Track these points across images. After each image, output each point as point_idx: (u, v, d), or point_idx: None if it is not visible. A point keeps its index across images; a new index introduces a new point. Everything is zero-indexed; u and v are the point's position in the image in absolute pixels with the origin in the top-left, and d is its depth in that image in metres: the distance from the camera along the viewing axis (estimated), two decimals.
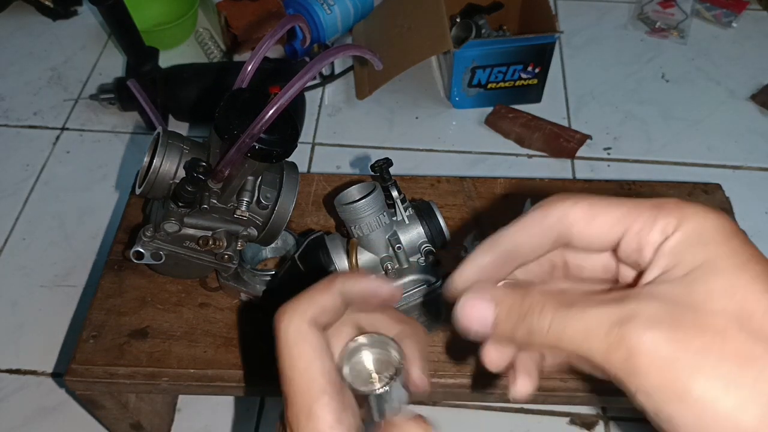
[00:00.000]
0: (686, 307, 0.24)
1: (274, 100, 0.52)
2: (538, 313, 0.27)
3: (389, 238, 0.64)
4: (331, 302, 0.32)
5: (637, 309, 0.25)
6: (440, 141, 1.24)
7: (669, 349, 0.23)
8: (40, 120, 1.29)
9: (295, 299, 0.32)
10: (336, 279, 0.32)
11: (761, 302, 0.24)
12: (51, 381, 0.95)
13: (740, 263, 0.25)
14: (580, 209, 0.28)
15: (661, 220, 0.26)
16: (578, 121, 1.27)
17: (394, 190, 0.65)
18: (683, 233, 0.26)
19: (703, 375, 0.23)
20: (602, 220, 0.27)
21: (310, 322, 0.31)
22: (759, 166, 1.19)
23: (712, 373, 0.23)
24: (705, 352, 0.23)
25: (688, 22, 1.44)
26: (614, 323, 0.25)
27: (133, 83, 0.66)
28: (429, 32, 1.20)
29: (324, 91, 1.33)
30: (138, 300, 0.73)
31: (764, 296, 0.24)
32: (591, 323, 0.25)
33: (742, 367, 0.23)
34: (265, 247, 0.76)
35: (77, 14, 1.51)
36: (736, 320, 0.24)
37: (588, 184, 0.85)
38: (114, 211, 1.13)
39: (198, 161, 0.58)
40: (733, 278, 0.25)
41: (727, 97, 1.31)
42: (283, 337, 0.31)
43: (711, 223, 0.26)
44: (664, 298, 0.25)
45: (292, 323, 0.31)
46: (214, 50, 1.39)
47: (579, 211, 0.28)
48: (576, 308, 0.26)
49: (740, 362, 0.23)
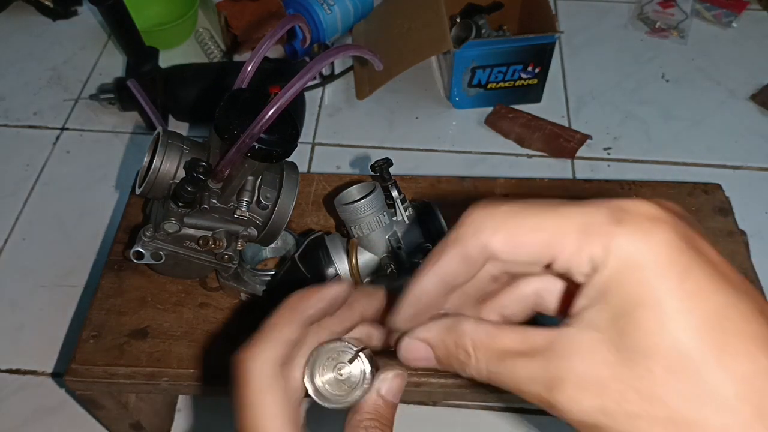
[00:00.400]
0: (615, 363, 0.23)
1: (274, 100, 0.52)
2: (474, 363, 0.27)
3: (389, 238, 0.64)
4: (296, 334, 0.31)
5: (564, 370, 0.24)
6: (440, 141, 1.24)
7: (598, 418, 0.23)
8: (40, 120, 1.29)
9: (258, 338, 0.30)
10: (297, 307, 0.31)
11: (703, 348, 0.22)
12: (51, 381, 0.95)
13: (681, 298, 0.22)
14: (499, 240, 0.25)
15: (587, 248, 0.23)
16: (578, 121, 1.27)
17: (394, 190, 0.65)
18: (610, 266, 0.23)
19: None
20: (526, 250, 0.25)
21: (275, 364, 0.30)
22: (759, 166, 1.19)
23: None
24: (635, 419, 0.22)
25: (688, 22, 1.44)
26: (543, 387, 0.24)
27: (133, 83, 0.66)
28: (429, 32, 1.20)
29: (324, 91, 1.33)
30: (138, 300, 0.73)
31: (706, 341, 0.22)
32: (521, 383, 0.25)
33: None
34: (265, 247, 0.76)
35: (77, 14, 1.51)
36: (672, 374, 0.22)
37: (588, 184, 0.85)
38: (114, 211, 1.13)
39: (198, 161, 0.58)
40: (672, 322, 0.22)
41: (727, 97, 1.31)
42: (246, 382, 0.29)
43: (646, 249, 0.23)
44: (593, 349, 0.23)
45: (256, 368, 0.29)
46: (214, 50, 1.39)
47: (499, 241, 0.25)
48: (506, 364, 0.25)
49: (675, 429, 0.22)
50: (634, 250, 0.23)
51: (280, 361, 0.30)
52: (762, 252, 0.85)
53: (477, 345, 0.26)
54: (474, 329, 0.27)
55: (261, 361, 0.30)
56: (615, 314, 0.23)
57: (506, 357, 0.25)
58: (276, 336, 0.30)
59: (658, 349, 0.22)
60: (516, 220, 0.25)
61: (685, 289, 0.22)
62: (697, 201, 0.82)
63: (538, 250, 0.25)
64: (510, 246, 0.25)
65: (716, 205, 0.82)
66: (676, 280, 0.22)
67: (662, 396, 0.22)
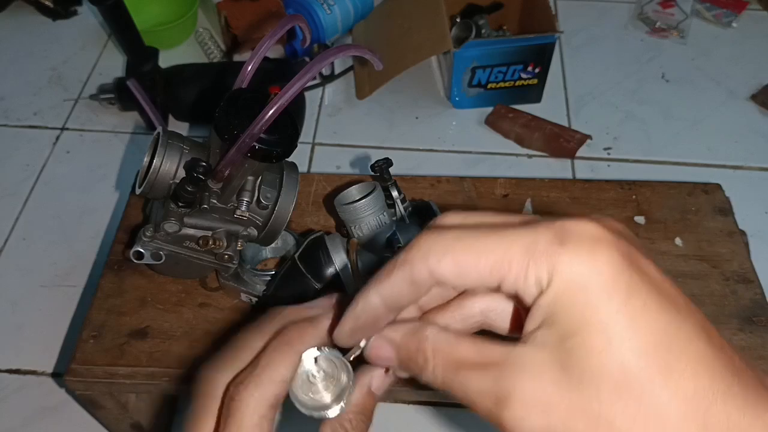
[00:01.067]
0: (563, 383, 0.23)
1: (274, 100, 0.52)
2: (431, 371, 0.27)
3: (389, 238, 0.64)
4: (292, 372, 0.30)
5: (512, 388, 0.24)
6: (440, 141, 1.24)
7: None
8: (40, 120, 1.29)
9: (252, 371, 0.29)
10: (293, 344, 0.30)
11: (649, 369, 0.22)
12: (51, 381, 0.95)
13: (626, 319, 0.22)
14: (446, 265, 0.25)
15: (533, 270, 0.24)
16: (578, 121, 1.27)
17: (394, 190, 0.65)
18: (556, 287, 0.23)
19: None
20: (473, 275, 0.25)
21: (270, 407, 0.29)
22: (759, 166, 1.19)
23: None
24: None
25: (688, 22, 1.44)
26: (492, 402, 0.24)
27: (133, 83, 0.66)
28: (429, 32, 1.20)
29: (324, 91, 1.33)
30: (138, 300, 0.73)
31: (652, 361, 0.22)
32: (472, 396, 0.25)
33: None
34: (265, 247, 0.76)
35: (77, 14, 1.51)
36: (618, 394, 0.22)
37: (588, 184, 0.85)
38: (114, 211, 1.13)
39: (198, 161, 0.58)
40: (617, 343, 0.22)
41: (727, 97, 1.31)
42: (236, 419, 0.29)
43: (589, 270, 0.23)
44: (541, 368, 0.24)
45: (249, 406, 0.29)
46: (214, 50, 1.39)
47: (446, 266, 0.25)
48: (461, 374, 0.26)
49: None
50: (578, 271, 0.23)
51: (274, 402, 0.30)
52: (762, 252, 0.85)
53: (436, 351, 0.27)
54: (435, 336, 0.27)
55: (256, 397, 0.29)
56: (562, 335, 0.23)
57: (461, 367, 0.26)
58: (272, 376, 0.30)
59: (605, 370, 0.22)
60: (463, 245, 0.25)
61: (630, 310, 0.22)
62: (697, 201, 0.82)
63: (486, 274, 0.25)
64: (457, 271, 0.25)
65: (716, 205, 0.82)
66: (621, 301, 0.22)
67: (608, 416, 0.22)
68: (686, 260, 0.76)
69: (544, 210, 0.81)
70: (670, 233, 0.79)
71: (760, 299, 0.73)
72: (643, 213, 0.81)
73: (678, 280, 0.76)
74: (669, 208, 0.82)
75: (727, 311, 0.72)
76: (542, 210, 0.81)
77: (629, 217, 0.81)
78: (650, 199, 0.83)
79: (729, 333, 0.70)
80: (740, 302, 0.73)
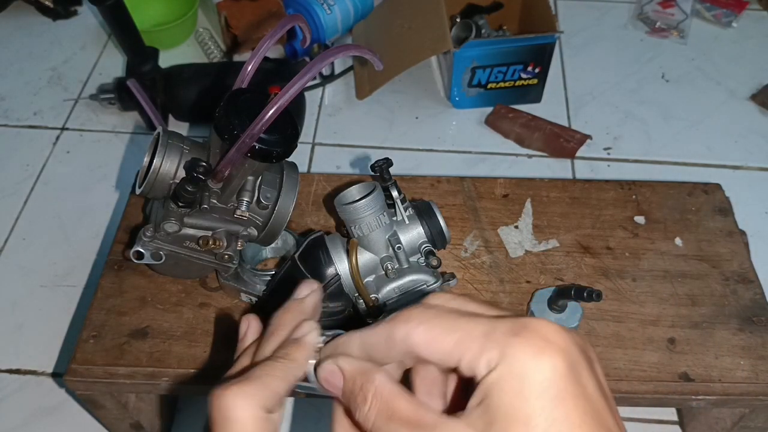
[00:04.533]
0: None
1: (274, 100, 0.52)
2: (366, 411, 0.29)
3: (389, 238, 0.64)
4: (288, 388, 0.32)
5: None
6: (440, 141, 1.24)
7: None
8: (40, 120, 1.29)
9: (245, 380, 0.31)
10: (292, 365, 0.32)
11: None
12: (51, 381, 0.95)
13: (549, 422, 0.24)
14: (419, 334, 0.28)
15: (487, 352, 0.26)
16: (578, 121, 1.27)
17: (394, 190, 0.65)
18: (500, 370, 0.25)
19: None
20: (439, 348, 0.27)
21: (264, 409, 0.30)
22: (759, 166, 1.19)
23: None
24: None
25: (688, 22, 1.44)
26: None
27: (133, 83, 0.66)
28: (429, 32, 1.20)
29: (324, 91, 1.33)
30: (138, 300, 0.73)
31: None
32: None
33: None
34: (265, 247, 0.76)
35: (77, 14, 1.51)
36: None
37: (588, 184, 0.85)
38: (114, 211, 1.13)
39: (198, 161, 0.58)
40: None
41: (727, 97, 1.31)
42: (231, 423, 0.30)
43: (532, 365, 0.25)
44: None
45: (242, 408, 0.30)
46: (214, 50, 1.39)
47: (419, 336, 0.28)
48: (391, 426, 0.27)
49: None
50: (522, 361, 0.25)
51: (266, 408, 0.31)
52: (762, 252, 0.85)
53: (377, 395, 0.28)
54: (382, 382, 0.29)
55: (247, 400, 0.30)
56: (490, 420, 0.25)
57: (394, 419, 0.27)
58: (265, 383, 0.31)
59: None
60: (438, 320, 0.28)
61: (555, 416, 0.24)
62: (697, 201, 0.82)
63: (449, 349, 0.27)
64: (426, 340, 0.28)
65: (716, 205, 0.82)
66: (549, 405, 0.24)
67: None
68: (686, 260, 0.76)
69: (544, 210, 0.81)
70: (670, 233, 0.79)
71: (760, 299, 0.73)
72: (643, 213, 0.81)
73: (678, 280, 0.76)
74: (669, 208, 0.82)
75: (727, 311, 0.72)
76: (542, 210, 0.81)
77: (629, 217, 0.81)
78: (650, 199, 0.83)
79: (729, 333, 0.70)
80: (740, 302, 0.73)
